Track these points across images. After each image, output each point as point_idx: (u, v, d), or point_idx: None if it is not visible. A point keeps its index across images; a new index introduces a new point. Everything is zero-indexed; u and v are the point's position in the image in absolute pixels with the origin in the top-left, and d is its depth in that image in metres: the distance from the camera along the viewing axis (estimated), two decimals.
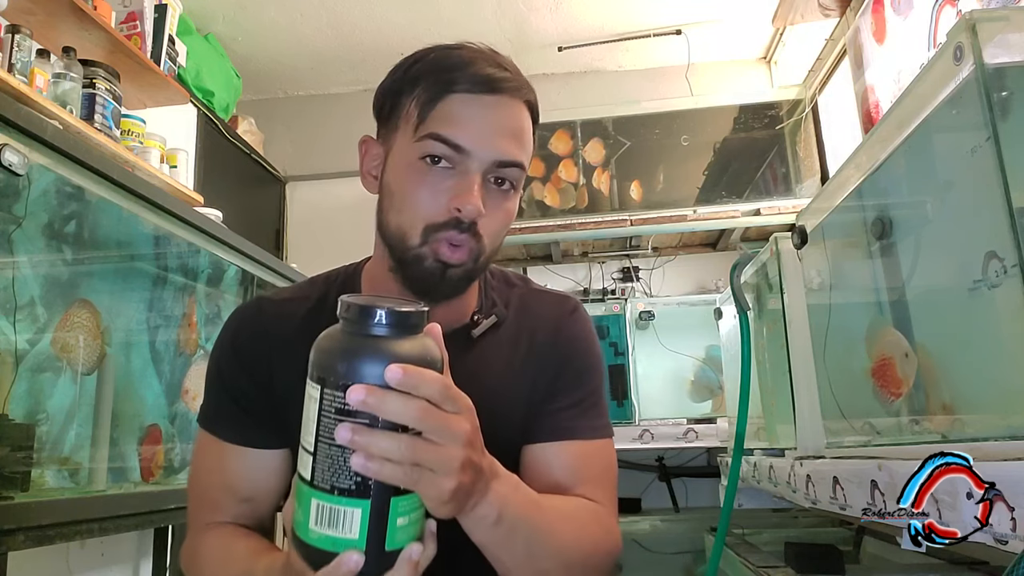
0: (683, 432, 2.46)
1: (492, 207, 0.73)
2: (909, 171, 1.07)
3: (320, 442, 0.50)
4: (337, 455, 0.49)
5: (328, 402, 0.49)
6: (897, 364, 1.01)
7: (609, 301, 2.94)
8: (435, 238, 0.72)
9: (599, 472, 0.80)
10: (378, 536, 0.50)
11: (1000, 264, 0.77)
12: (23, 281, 1.34)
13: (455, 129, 0.71)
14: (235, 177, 3.04)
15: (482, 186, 0.71)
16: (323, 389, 0.50)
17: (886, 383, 1.04)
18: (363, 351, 0.50)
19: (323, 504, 0.50)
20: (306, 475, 0.51)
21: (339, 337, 0.51)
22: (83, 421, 1.49)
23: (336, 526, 0.49)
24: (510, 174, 0.74)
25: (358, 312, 0.50)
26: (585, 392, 0.83)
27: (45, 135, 1.24)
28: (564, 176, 2.93)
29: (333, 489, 0.49)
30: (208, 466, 0.80)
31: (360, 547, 0.49)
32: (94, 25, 1.99)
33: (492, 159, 0.72)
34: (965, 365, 0.95)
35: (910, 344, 1.04)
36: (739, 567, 1.58)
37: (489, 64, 0.73)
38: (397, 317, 0.50)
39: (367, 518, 0.49)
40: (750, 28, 3.03)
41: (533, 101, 0.77)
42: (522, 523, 0.63)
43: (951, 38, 0.81)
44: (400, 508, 0.51)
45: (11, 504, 1.16)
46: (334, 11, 2.86)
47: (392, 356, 0.49)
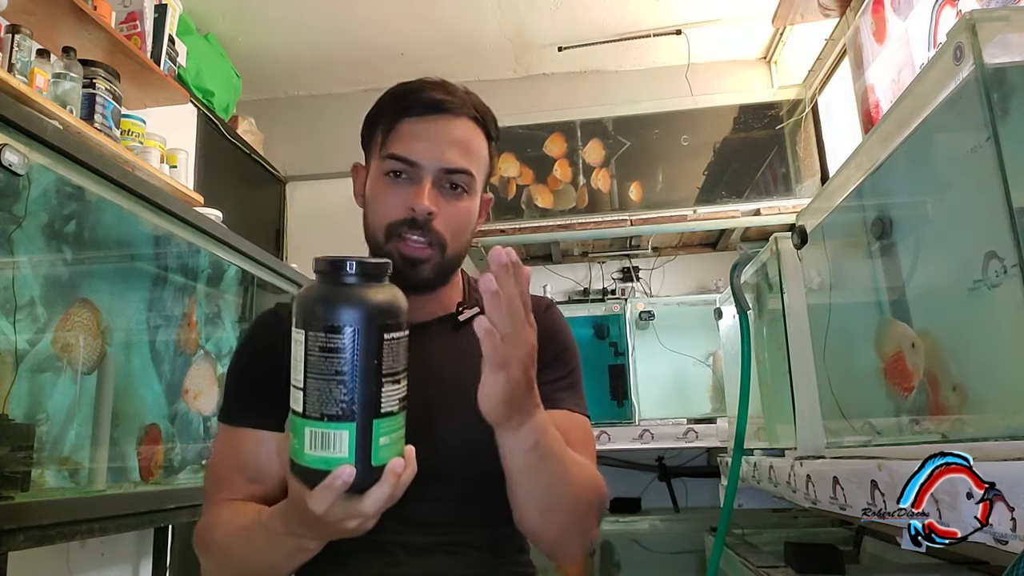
0: (683, 432, 2.46)
1: (446, 207, 0.86)
2: (909, 171, 1.07)
3: (309, 377, 0.58)
4: (324, 387, 0.57)
5: (312, 343, 0.57)
6: (906, 356, 1.00)
7: (609, 301, 2.94)
8: (396, 236, 0.85)
9: (584, 439, 0.88)
10: (364, 453, 0.58)
11: (1000, 264, 0.77)
12: (23, 281, 1.34)
13: (407, 147, 0.86)
14: (235, 177, 3.04)
15: (433, 190, 0.85)
16: (307, 332, 0.58)
17: (898, 379, 1.03)
18: (338, 296, 0.58)
19: (315, 430, 0.58)
20: (298, 408, 0.58)
21: (317, 287, 0.59)
22: (83, 421, 1.49)
23: (328, 447, 0.57)
24: (458, 179, 0.87)
25: (329, 264, 0.59)
26: (566, 371, 0.92)
27: (45, 135, 1.24)
28: (560, 176, 2.93)
29: (323, 416, 0.57)
30: (223, 452, 0.88)
31: (351, 463, 0.57)
32: (94, 25, 2.00)
33: (439, 167, 0.85)
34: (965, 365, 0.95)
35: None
36: (739, 567, 1.58)
37: (436, 91, 0.88)
38: (363, 267, 0.59)
39: (354, 438, 0.57)
40: (750, 28, 3.03)
41: (481, 118, 0.90)
42: (551, 455, 0.72)
43: (951, 38, 0.81)
44: (382, 428, 0.58)
45: (11, 504, 1.16)
46: (334, 11, 2.86)
47: (363, 300, 0.58)
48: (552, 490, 0.75)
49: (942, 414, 0.94)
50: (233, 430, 0.86)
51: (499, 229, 2.82)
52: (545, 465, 0.72)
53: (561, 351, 0.93)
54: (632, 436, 2.47)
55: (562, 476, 0.75)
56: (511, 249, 0.61)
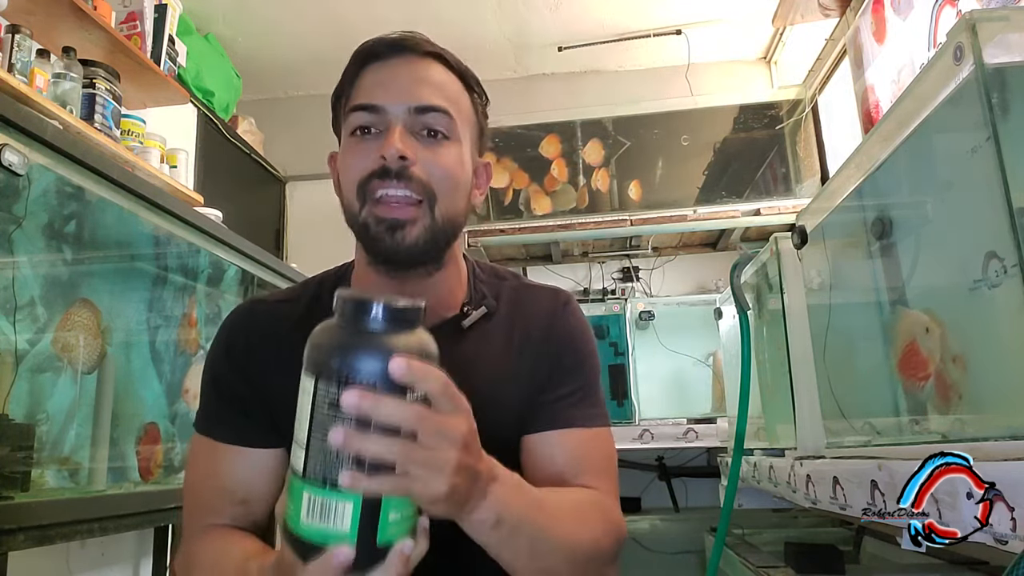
0: (683, 432, 2.46)
1: (425, 153, 0.73)
2: (909, 171, 1.07)
3: (313, 436, 0.49)
4: (331, 449, 0.49)
5: (321, 397, 0.49)
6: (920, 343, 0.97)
7: (609, 301, 2.94)
8: (370, 196, 0.72)
9: (599, 460, 0.81)
10: (369, 530, 0.50)
11: (1000, 264, 0.77)
12: (23, 281, 1.34)
13: (369, 94, 0.74)
14: (235, 177, 3.04)
15: (406, 134, 0.72)
16: (317, 383, 0.49)
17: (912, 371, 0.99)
18: (358, 346, 0.49)
19: (315, 497, 0.50)
20: (298, 468, 0.50)
21: (334, 332, 0.51)
22: (83, 421, 1.49)
23: (327, 519, 0.49)
24: (434, 120, 0.74)
25: (353, 307, 0.50)
26: (581, 383, 0.83)
27: (45, 135, 1.24)
28: (557, 175, 2.93)
29: (325, 482, 0.49)
30: (203, 470, 0.80)
31: (351, 541, 0.49)
32: (94, 25, 1.99)
33: (407, 106, 0.73)
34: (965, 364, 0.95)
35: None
36: (739, 567, 1.58)
37: (393, 36, 0.78)
38: (391, 312, 0.50)
39: (359, 512, 0.49)
40: (750, 28, 3.03)
41: (449, 57, 0.80)
42: (524, 524, 0.63)
43: (951, 38, 0.81)
44: (393, 503, 0.50)
45: (11, 504, 1.16)
46: (334, 11, 2.86)
47: (387, 351, 0.49)
48: (538, 558, 0.65)
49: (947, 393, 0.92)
50: (212, 444, 0.79)
51: (499, 229, 2.82)
52: (520, 537, 0.62)
53: (577, 363, 0.84)
54: (632, 436, 2.47)
55: (547, 541, 0.65)
56: (399, 362, 0.49)
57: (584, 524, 0.72)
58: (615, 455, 0.84)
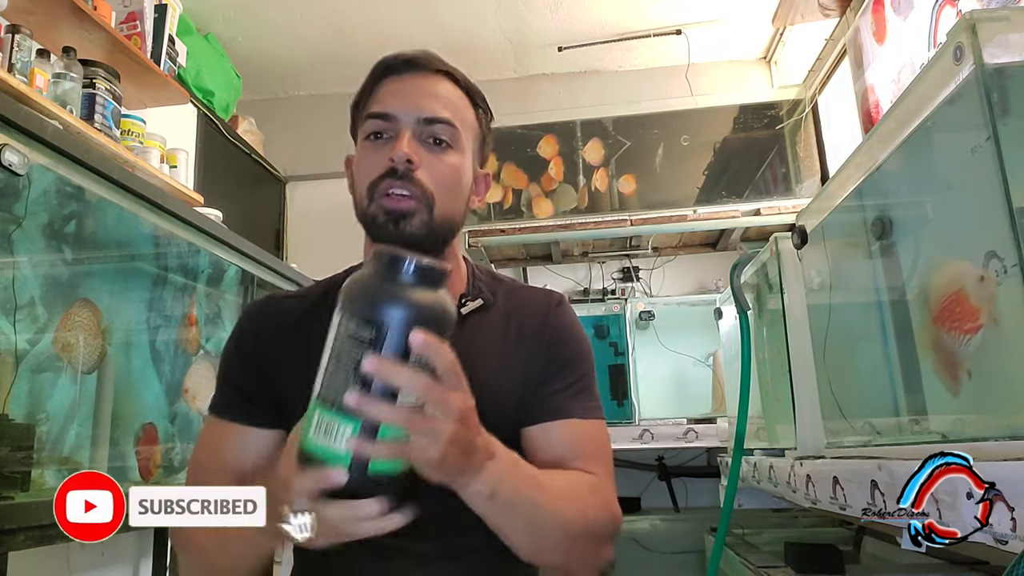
0: (683, 432, 2.46)
1: (431, 159, 0.82)
2: (909, 171, 1.07)
3: (331, 360, 0.56)
4: (342, 375, 0.55)
5: (344, 328, 0.56)
6: (971, 292, 0.92)
7: (609, 301, 2.94)
8: (378, 193, 0.81)
9: (595, 448, 0.85)
10: (364, 456, 0.55)
11: (1000, 264, 0.77)
12: (23, 281, 1.34)
13: (383, 104, 0.84)
14: (235, 177, 3.04)
15: (414, 141, 0.81)
16: (343, 315, 0.56)
17: (958, 321, 0.94)
18: (381, 291, 0.56)
19: (323, 416, 0.56)
20: (316, 389, 0.57)
21: (366, 276, 0.58)
22: (83, 421, 1.49)
23: (330, 438, 0.55)
24: (440, 130, 0.83)
25: (387, 258, 0.57)
26: (577, 376, 0.88)
27: (45, 135, 1.24)
28: (554, 175, 2.93)
29: (333, 404, 0.55)
30: (208, 446, 0.86)
31: (346, 463, 0.55)
32: (94, 25, 2.00)
33: (417, 116, 0.82)
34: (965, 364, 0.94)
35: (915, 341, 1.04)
36: (739, 567, 1.58)
37: (407, 53, 0.87)
38: (417, 268, 0.57)
39: (357, 435, 0.55)
40: (750, 28, 3.03)
41: (457, 75, 0.89)
42: (519, 499, 0.68)
43: (951, 38, 0.81)
44: (388, 433, 0.56)
45: (11, 504, 1.16)
46: (334, 11, 2.86)
47: (404, 300, 0.55)
48: (534, 532, 0.72)
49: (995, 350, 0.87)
50: (219, 423, 0.85)
51: (499, 229, 2.81)
52: (516, 511, 0.69)
53: (571, 358, 0.88)
54: (632, 436, 2.47)
55: (543, 516, 0.71)
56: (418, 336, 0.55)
57: (580, 503, 0.76)
58: (609, 445, 0.89)
